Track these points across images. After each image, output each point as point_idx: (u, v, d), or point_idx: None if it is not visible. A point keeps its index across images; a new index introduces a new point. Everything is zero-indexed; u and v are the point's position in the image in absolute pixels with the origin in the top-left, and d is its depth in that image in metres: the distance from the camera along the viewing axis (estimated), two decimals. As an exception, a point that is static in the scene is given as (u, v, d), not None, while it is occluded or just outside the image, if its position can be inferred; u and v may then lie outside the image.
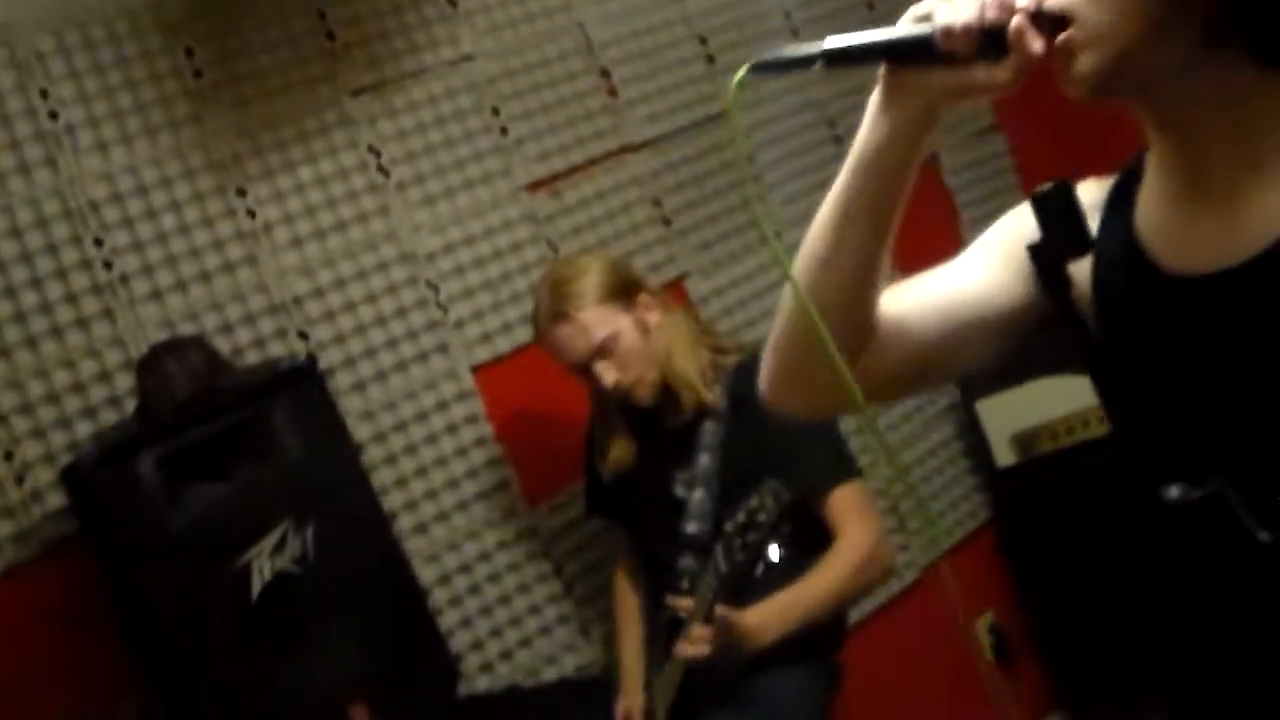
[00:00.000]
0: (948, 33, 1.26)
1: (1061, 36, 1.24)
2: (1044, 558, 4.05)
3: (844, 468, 2.93)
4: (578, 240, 3.56)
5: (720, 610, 2.65)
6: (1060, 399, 3.85)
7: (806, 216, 1.46)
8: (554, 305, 2.88)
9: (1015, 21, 1.25)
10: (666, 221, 3.74)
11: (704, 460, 2.89)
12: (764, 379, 1.56)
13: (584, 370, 2.90)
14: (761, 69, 1.35)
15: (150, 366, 2.74)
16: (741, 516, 2.66)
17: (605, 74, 3.72)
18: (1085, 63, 1.25)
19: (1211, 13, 1.21)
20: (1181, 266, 1.33)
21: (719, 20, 3.96)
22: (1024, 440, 3.93)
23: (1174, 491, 1.36)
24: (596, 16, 3.73)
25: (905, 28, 1.32)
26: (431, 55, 3.47)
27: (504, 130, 3.52)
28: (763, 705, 2.81)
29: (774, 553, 2.69)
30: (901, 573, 3.93)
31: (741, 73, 1.33)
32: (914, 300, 1.51)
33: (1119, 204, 1.43)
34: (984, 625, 4.13)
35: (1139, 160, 1.44)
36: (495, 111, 3.52)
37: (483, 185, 3.47)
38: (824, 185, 1.44)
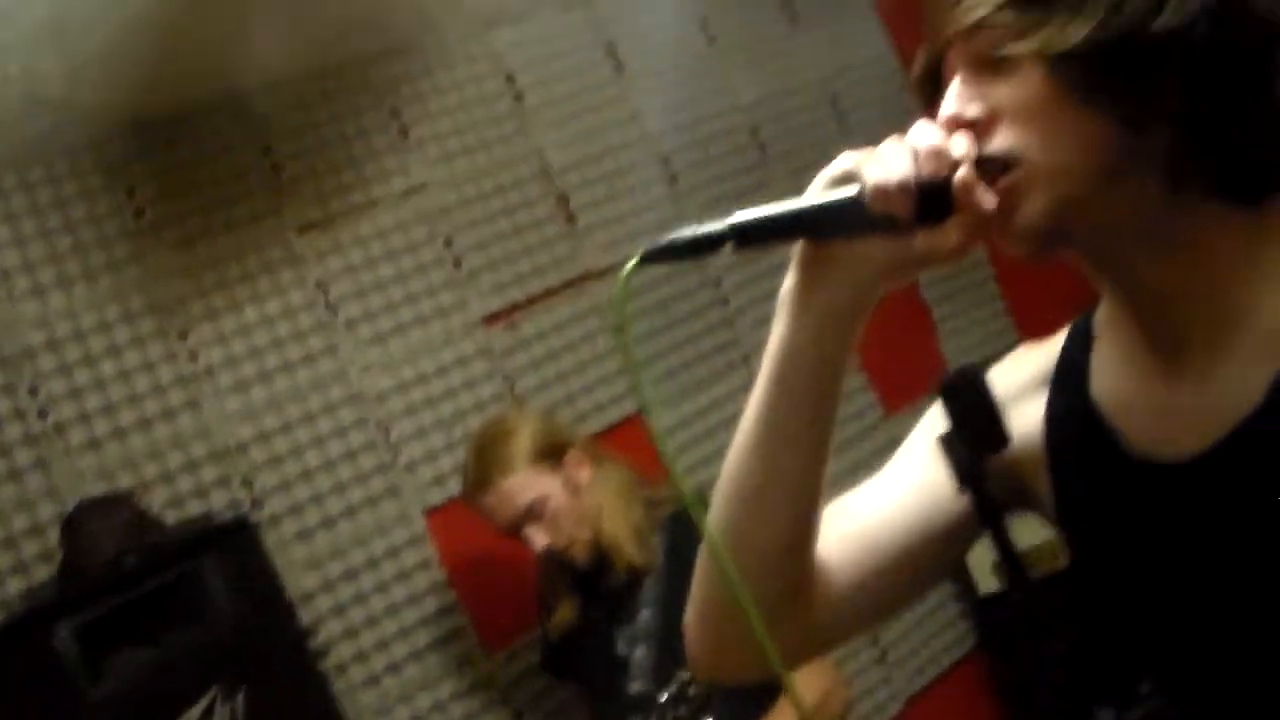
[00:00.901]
0: (881, 193, 1.05)
1: (1004, 181, 1.08)
2: (1033, 688, 3.89)
3: None
4: (536, 375, 3.45)
5: None
6: (1043, 523, 3.71)
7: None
8: (480, 472, 2.78)
9: (960, 174, 1.06)
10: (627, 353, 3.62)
11: (645, 616, 2.76)
12: (690, 648, 1.33)
13: (515, 534, 2.79)
14: (655, 258, 1.09)
15: (73, 527, 2.62)
16: (674, 688, 2.54)
17: (563, 199, 3.63)
18: (1031, 212, 1.08)
19: (1174, 146, 1.07)
20: (1154, 449, 1.17)
21: (681, 140, 3.87)
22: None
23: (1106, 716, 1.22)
24: (553, 141, 3.65)
25: (825, 193, 1.10)
26: (381, 187, 3.38)
27: (458, 262, 3.43)
28: None
29: None
30: (885, 705, 3.79)
31: (630, 265, 1.08)
32: (848, 535, 1.28)
33: (1069, 373, 1.27)
34: (972, 759, 3.97)
35: (1086, 321, 1.29)
36: (448, 243, 3.43)
37: (436, 320, 3.36)
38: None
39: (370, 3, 3.19)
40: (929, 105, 1.18)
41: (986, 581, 3.86)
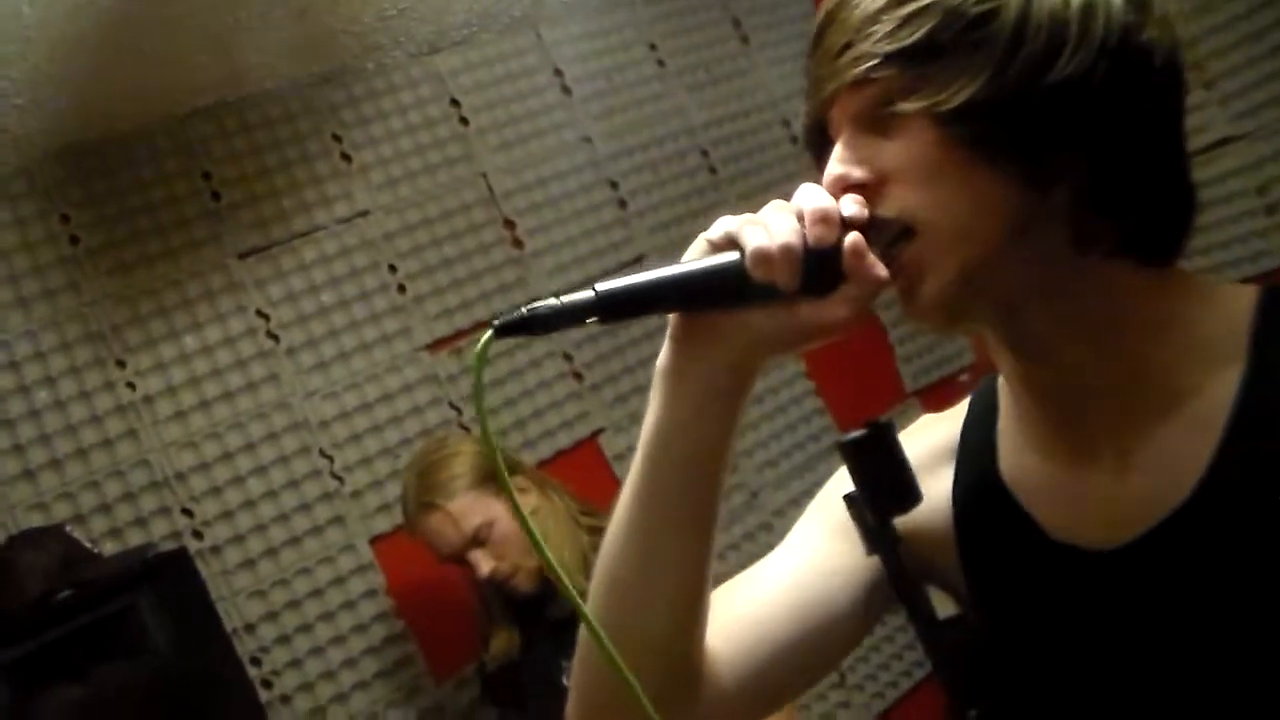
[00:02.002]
0: (762, 259, 0.98)
1: (905, 253, 1.01)
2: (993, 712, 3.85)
3: None
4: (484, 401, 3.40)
5: None
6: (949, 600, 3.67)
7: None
8: (422, 495, 2.73)
9: (850, 240, 0.99)
10: (579, 376, 3.58)
11: None
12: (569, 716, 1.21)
13: (459, 560, 2.74)
14: (511, 331, 0.97)
15: (3, 562, 2.56)
16: None
17: (510, 224, 3.59)
18: (937, 284, 1.02)
19: (1076, 202, 1.02)
20: (1074, 533, 1.11)
21: (631, 163, 3.84)
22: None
23: None
24: (500, 165, 3.61)
25: (703, 259, 1.01)
26: (324, 213, 3.34)
27: (402, 288, 3.39)
28: None
29: None
30: (844, 730, 3.75)
31: (484, 339, 0.97)
32: (740, 621, 1.19)
33: (976, 448, 1.21)
34: (933, 784, 3.93)
35: (990, 391, 1.23)
36: (393, 269, 3.39)
37: (380, 347, 3.32)
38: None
39: (311, 27, 3.15)
40: (819, 162, 1.11)
41: (945, 605, 3.82)
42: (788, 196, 1.04)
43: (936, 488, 1.20)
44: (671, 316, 1.06)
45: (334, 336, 3.27)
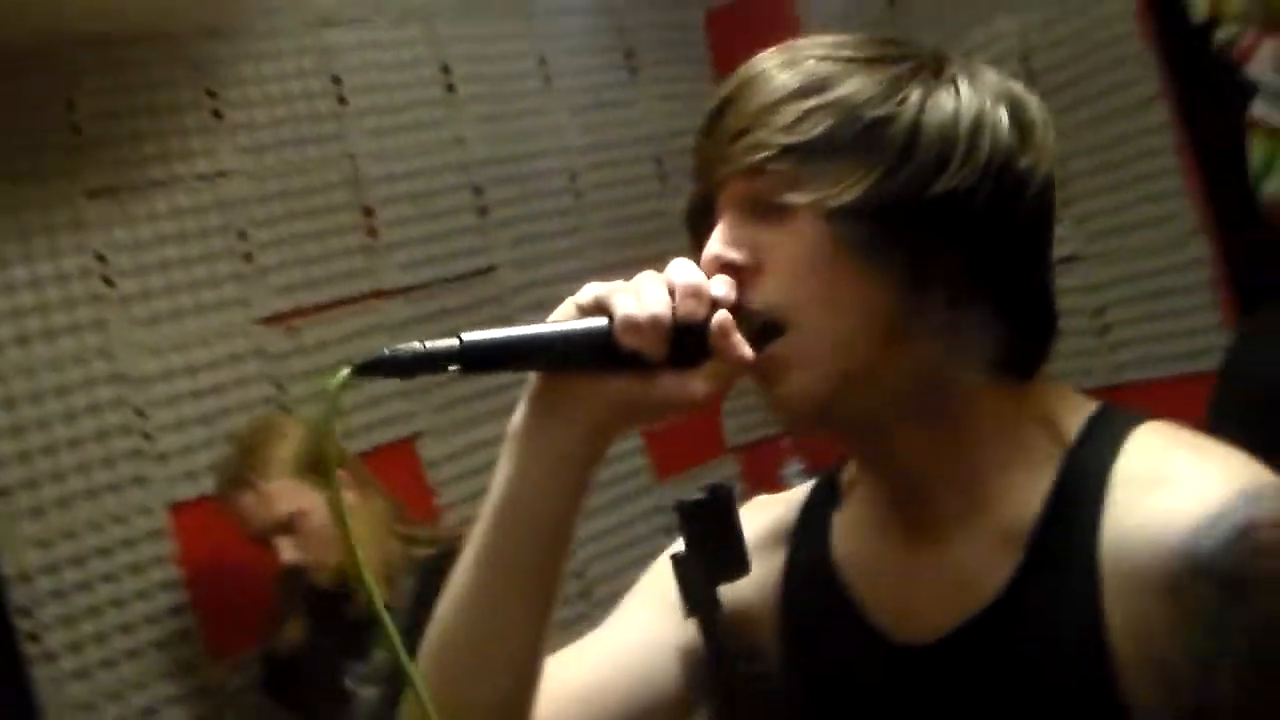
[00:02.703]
0: (631, 327, 0.98)
1: (772, 347, 1.02)
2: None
3: None
4: (308, 384, 3.35)
5: None
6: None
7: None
8: (242, 470, 2.68)
9: (718, 318, 1.00)
10: (409, 375, 3.54)
11: (379, 657, 2.69)
12: None
13: (262, 540, 2.69)
14: (370, 371, 0.95)
15: None
16: None
17: (369, 212, 3.55)
18: (802, 386, 1.03)
19: (951, 312, 1.05)
20: (895, 626, 1.14)
21: (498, 172, 3.83)
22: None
23: None
24: (370, 150, 3.56)
25: (571, 322, 1.02)
26: (184, 166, 3.25)
27: (249, 256, 3.32)
28: None
29: None
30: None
31: (341, 376, 0.94)
32: (567, 696, 1.17)
33: (812, 534, 1.23)
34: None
35: (832, 479, 1.27)
36: (243, 235, 3.31)
37: (215, 311, 3.24)
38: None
39: (205, -24, 3.07)
40: (697, 240, 1.12)
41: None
42: (649, 240, 1.05)
43: (766, 567, 1.22)
44: (531, 376, 1.06)
45: (171, 293, 3.18)
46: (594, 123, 4.10)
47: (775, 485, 4.06)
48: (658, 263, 1.05)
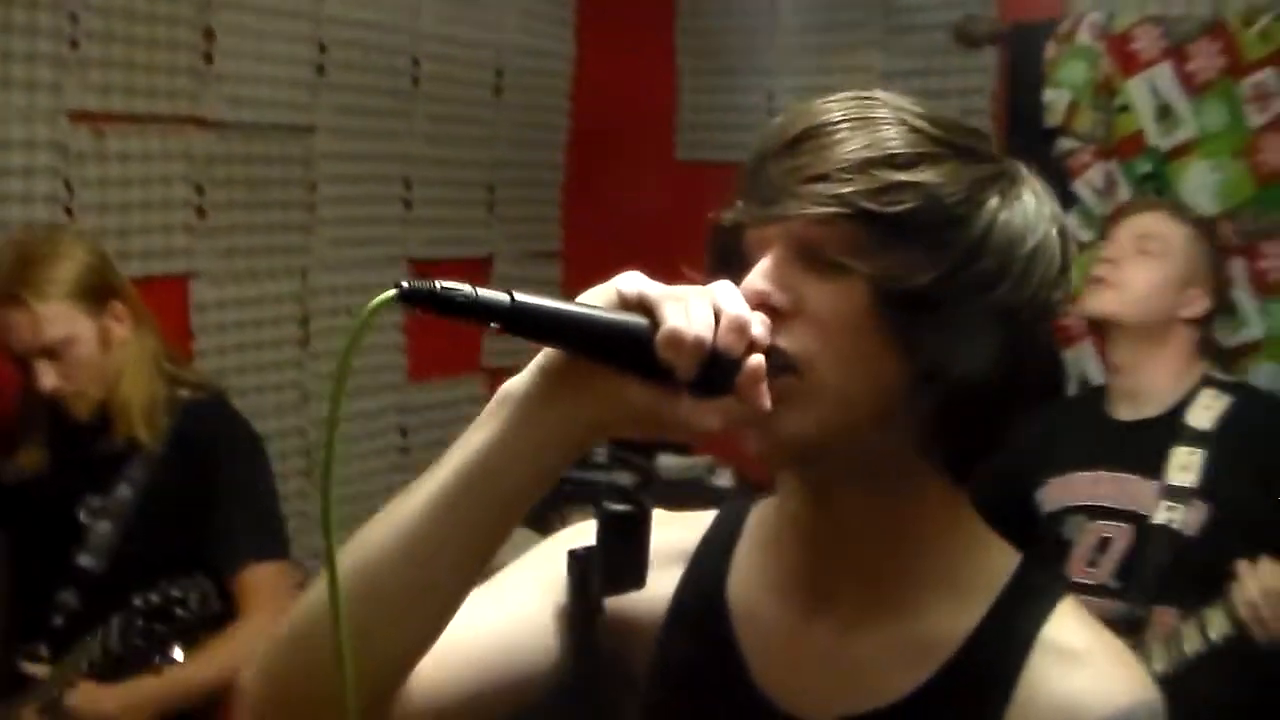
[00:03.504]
0: (675, 342, 0.94)
1: (782, 380, 1.01)
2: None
3: (268, 545, 2.69)
4: (99, 193, 3.14)
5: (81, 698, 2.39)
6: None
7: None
8: (12, 285, 2.47)
9: (753, 363, 0.97)
10: (201, 212, 3.39)
11: (123, 492, 2.57)
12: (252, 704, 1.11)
13: (18, 359, 2.53)
14: (414, 299, 0.90)
15: None
16: (157, 598, 2.36)
17: (209, 35, 3.35)
18: (799, 424, 1.03)
19: (940, 408, 1.07)
20: (769, 682, 1.17)
21: (344, 34, 3.70)
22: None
23: None
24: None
25: (615, 313, 0.97)
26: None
27: (75, 43, 3.08)
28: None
29: (177, 654, 2.41)
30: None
31: (382, 298, 0.89)
32: (458, 644, 1.13)
33: (711, 560, 1.25)
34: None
35: (737, 515, 1.28)
36: (74, 18, 3.07)
37: (22, 90, 3.00)
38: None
39: None
40: (719, 252, 1.12)
41: None
42: (476, 145, 0.98)
43: (659, 585, 1.21)
44: (551, 350, 1.02)
45: (-17, 57, 2.94)
46: (451, 14, 4.02)
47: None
48: (472, 168, 0.98)
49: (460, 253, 4.25)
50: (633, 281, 0.98)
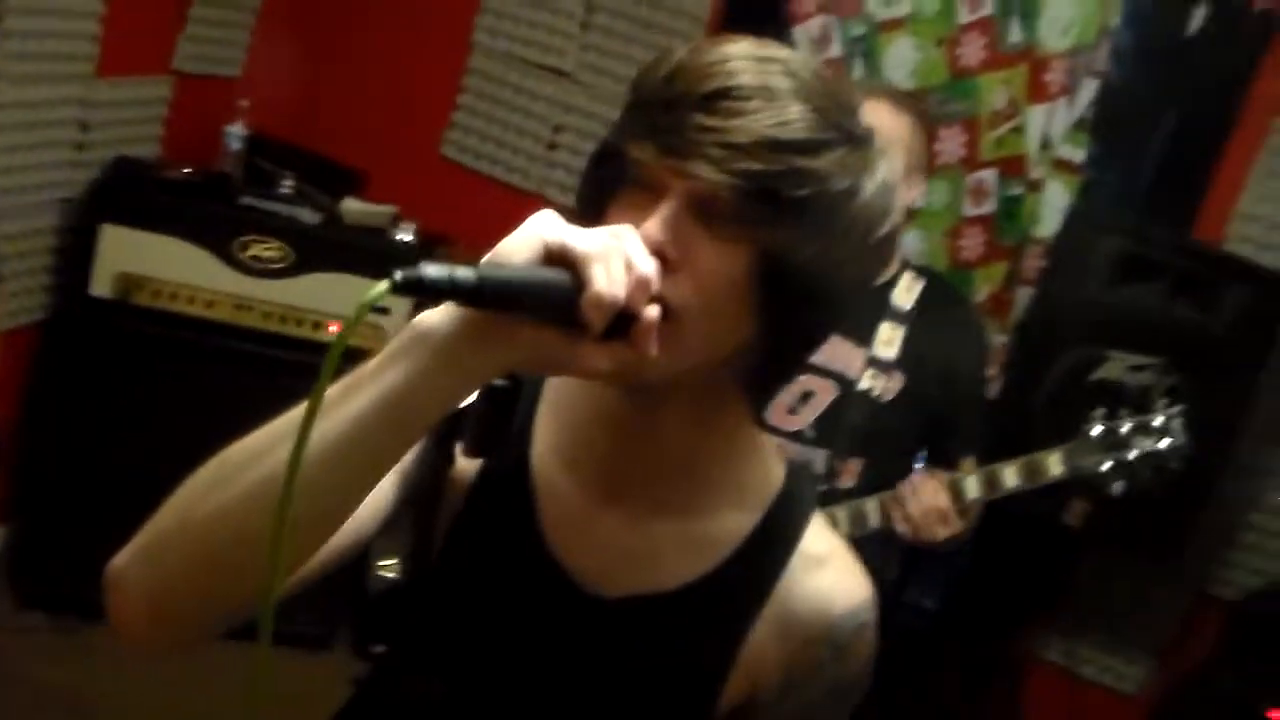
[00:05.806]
0: (598, 304, 1.02)
1: (660, 324, 1.08)
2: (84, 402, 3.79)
3: None
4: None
5: None
6: (194, 269, 3.74)
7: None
8: None
9: (649, 316, 1.06)
10: None
11: None
12: (122, 591, 1.12)
13: None
14: (408, 289, 0.97)
15: None
16: None
17: None
18: (661, 364, 1.11)
19: (766, 358, 1.24)
20: (573, 564, 1.31)
21: None
22: (127, 282, 3.72)
23: None
24: None
25: (548, 271, 1.03)
26: None
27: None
28: None
29: None
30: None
31: (379, 289, 0.95)
32: None
33: (517, 425, 1.35)
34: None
35: (537, 380, 1.37)
36: None
37: None
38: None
39: None
40: (597, 179, 1.22)
41: (102, 284, 3.76)
42: None
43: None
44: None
45: None
46: None
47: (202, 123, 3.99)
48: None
49: None
50: (555, 232, 1.04)
